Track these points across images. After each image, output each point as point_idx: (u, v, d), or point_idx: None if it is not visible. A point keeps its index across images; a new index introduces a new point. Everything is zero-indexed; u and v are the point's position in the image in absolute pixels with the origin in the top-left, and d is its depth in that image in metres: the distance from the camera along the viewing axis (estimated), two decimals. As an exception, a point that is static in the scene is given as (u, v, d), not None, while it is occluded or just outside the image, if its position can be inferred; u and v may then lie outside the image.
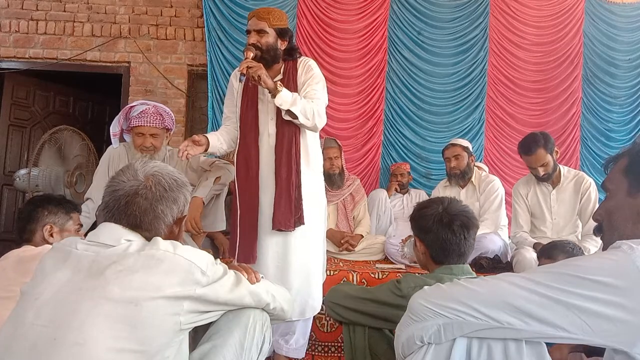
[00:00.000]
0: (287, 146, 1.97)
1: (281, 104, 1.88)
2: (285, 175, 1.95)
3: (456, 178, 3.12)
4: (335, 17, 4.26)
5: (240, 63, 1.88)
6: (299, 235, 1.99)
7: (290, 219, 1.93)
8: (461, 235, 1.39)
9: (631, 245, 0.84)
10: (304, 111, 1.91)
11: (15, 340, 0.90)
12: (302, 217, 1.96)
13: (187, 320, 0.99)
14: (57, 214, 1.63)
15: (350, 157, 4.12)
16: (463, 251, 1.41)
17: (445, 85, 4.29)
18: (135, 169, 1.08)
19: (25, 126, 4.64)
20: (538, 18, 4.31)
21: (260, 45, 1.98)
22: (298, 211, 1.96)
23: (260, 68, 1.85)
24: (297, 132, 2.00)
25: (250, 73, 1.84)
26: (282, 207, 1.93)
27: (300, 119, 1.91)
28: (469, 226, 1.40)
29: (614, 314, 0.81)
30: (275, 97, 1.87)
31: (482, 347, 0.93)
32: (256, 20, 2.00)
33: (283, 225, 1.92)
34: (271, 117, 2.02)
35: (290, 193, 1.94)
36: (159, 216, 1.06)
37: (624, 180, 0.97)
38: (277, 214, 1.93)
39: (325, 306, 1.61)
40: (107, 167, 2.52)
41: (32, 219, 1.60)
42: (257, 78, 1.83)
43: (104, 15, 4.31)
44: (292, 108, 1.88)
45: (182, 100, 4.33)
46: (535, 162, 2.64)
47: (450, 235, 1.38)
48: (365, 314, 1.52)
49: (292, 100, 1.89)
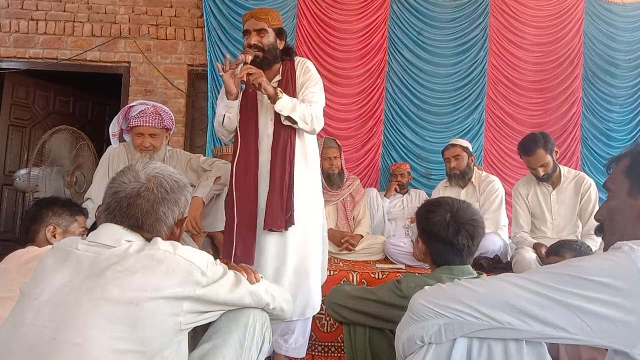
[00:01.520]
0: (282, 146, 1.97)
1: (281, 110, 1.88)
2: (279, 175, 1.95)
3: (456, 178, 3.12)
4: (335, 17, 4.26)
5: (241, 69, 1.87)
6: (298, 235, 1.99)
7: (281, 219, 1.93)
8: (465, 245, 1.37)
9: (632, 246, 0.84)
10: (303, 117, 1.92)
11: (15, 341, 0.90)
12: (292, 217, 1.96)
13: (187, 321, 0.99)
14: (61, 216, 1.63)
15: (350, 157, 4.12)
16: (464, 257, 1.40)
17: (445, 86, 4.29)
18: (137, 170, 1.08)
19: (25, 126, 4.65)
20: (538, 18, 4.31)
21: (262, 45, 1.98)
22: (289, 211, 1.95)
23: (260, 75, 1.85)
24: (292, 132, 2.00)
25: (251, 80, 1.84)
26: (273, 208, 1.93)
27: (300, 124, 1.92)
28: (475, 235, 1.37)
29: (615, 314, 0.81)
30: (275, 103, 1.87)
31: (482, 347, 0.93)
32: (255, 20, 1.99)
33: (274, 226, 1.92)
34: (270, 118, 2.02)
35: (282, 193, 1.94)
36: (161, 218, 1.06)
37: (625, 180, 0.97)
38: (268, 214, 1.92)
39: (325, 306, 1.60)
40: (107, 167, 2.52)
41: (37, 220, 1.60)
42: (258, 85, 1.83)
43: (104, 15, 4.31)
44: (292, 114, 1.89)
45: (182, 100, 4.33)
46: (535, 163, 2.64)
47: (454, 243, 1.36)
48: (366, 314, 1.51)
49: (292, 106, 1.89)
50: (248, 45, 1.98)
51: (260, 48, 1.97)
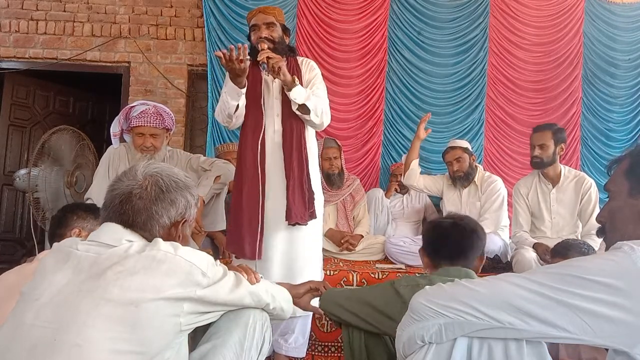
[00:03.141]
0: (297, 141, 1.99)
1: (295, 98, 1.88)
2: (297, 170, 1.96)
3: (461, 180, 3.11)
4: (335, 17, 4.26)
5: (260, 53, 1.86)
6: (305, 232, 2.00)
7: (305, 212, 1.95)
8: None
9: (632, 246, 0.84)
10: (315, 108, 1.93)
11: (15, 341, 0.90)
12: (314, 211, 1.99)
13: (187, 322, 0.99)
14: (85, 219, 1.65)
15: (350, 157, 4.12)
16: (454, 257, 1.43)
17: (445, 86, 4.29)
18: (136, 170, 1.08)
19: (25, 126, 4.64)
20: (538, 18, 4.31)
21: (273, 37, 1.98)
22: (312, 205, 1.99)
23: (280, 60, 1.86)
24: (303, 129, 2.01)
25: (271, 63, 1.83)
26: (296, 202, 1.94)
27: (312, 114, 1.93)
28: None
29: (615, 314, 0.81)
30: (290, 90, 1.87)
31: (482, 347, 0.93)
32: (264, 15, 2.01)
33: (300, 219, 1.93)
34: (277, 114, 2.02)
35: (303, 188, 1.96)
36: (153, 216, 1.04)
37: (625, 182, 0.98)
38: (292, 208, 1.93)
39: (320, 302, 1.59)
40: (107, 167, 2.52)
41: (62, 224, 1.62)
42: (278, 69, 1.83)
43: (104, 15, 4.31)
44: (307, 103, 1.89)
45: (182, 100, 4.33)
46: (536, 140, 2.70)
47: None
48: (359, 318, 1.50)
49: (306, 95, 1.90)
50: (259, 37, 1.98)
51: (271, 41, 1.97)
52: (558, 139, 2.65)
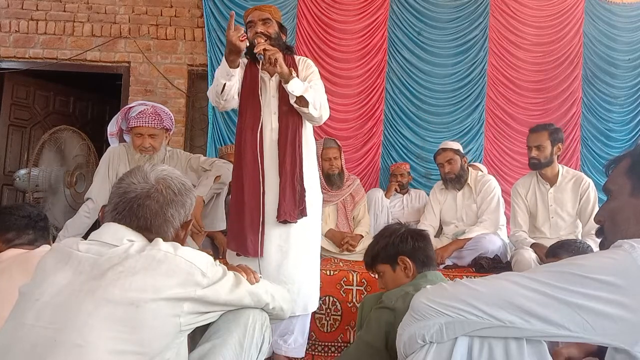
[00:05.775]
0: (291, 139, 1.98)
1: (293, 90, 1.87)
2: (289, 167, 1.96)
3: (452, 182, 3.09)
4: (335, 18, 4.26)
5: (256, 45, 1.86)
6: (301, 229, 1.99)
7: (294, 210, 1.94)
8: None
9: (632, 244, 0.84)
10: (314, 100, 1.92)
11: (16, 341, 0.90)
12: (304, 209, 1.97)
13: (187, 322, 0.99)
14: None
15: (350, 157, 4.12)
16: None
17: (444, 86, 4.29)
18: (145, 172, 1.08)
19: (25, 126, 4.65)
20: (538, 18, 4.31)
21: (269, 33, 1.98)
22: (302, 203, 1.97)
23: (277, 52, 1.85)
24: (299, 126, 2.01)
25: (268, 55, 1.83)
26: (287, 199, 1.93)
27: (310, 107, 1.92)
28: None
29: (615, 312, 0.81)
30: (287, 83, 1.87)
31: (483, 346, 0.93)
32: (259, 12, 2.01)
33: (288, 216, 1.92)
34: (274, 112, 2.01)
35: (294, 185, 1.95)
36: (169, 220, 1.06)
37: (627, 181, 0.98)
38: (282, 205, 1.93)
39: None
40: (107, 168, 2.52)
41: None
42: (274, 61, 1.82)
43: (104, 15, 4.31)
44: (306, 95, 1.89)
45: (182, 100, 4.33)
46: (532, 141, 2.69)
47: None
48: None
49: (304, 87, 1.90)
50: (255, 33, 1.97)
51: (267, 36, 1.97)
52: (555, 139, 2.65)
